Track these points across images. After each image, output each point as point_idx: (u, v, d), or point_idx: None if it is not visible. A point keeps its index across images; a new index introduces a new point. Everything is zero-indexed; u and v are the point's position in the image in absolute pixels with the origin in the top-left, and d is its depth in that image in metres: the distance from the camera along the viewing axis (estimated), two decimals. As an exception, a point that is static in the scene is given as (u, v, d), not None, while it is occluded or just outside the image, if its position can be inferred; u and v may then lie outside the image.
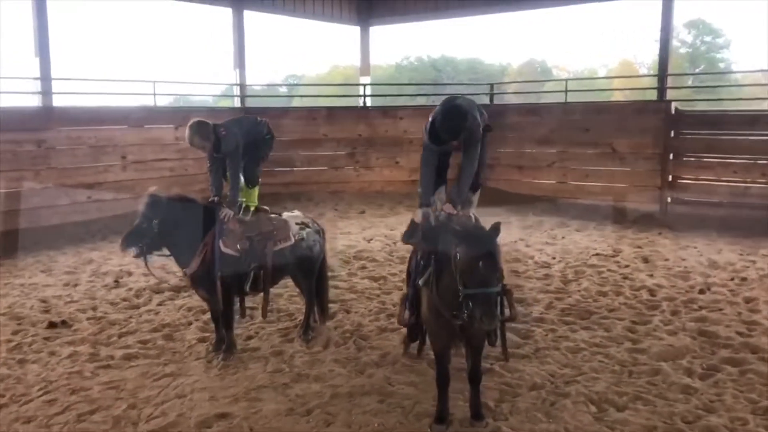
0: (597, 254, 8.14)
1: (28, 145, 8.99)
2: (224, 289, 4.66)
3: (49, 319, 5.64)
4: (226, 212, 4.78)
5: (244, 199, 5.12)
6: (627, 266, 7.52)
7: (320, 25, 14.34)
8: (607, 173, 10.86)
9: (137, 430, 3.70)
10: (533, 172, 11.69)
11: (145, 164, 10.32)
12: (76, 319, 5.67)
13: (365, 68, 14.38)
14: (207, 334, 5.25)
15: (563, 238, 9.23)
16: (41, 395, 4.15)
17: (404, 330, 4.62)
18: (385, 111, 12.62)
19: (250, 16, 12.06)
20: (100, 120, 9.70)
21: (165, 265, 5.90)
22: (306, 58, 50.49)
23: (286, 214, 5.15)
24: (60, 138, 9.29)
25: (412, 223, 4.36)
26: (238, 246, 4.70)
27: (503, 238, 8.62)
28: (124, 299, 6.28)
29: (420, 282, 3.87)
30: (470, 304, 3.25)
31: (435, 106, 4.42)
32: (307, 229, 5.09)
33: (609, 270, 7.33)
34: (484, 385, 4.19)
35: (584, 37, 54.54)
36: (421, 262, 3.95)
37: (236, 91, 12.00)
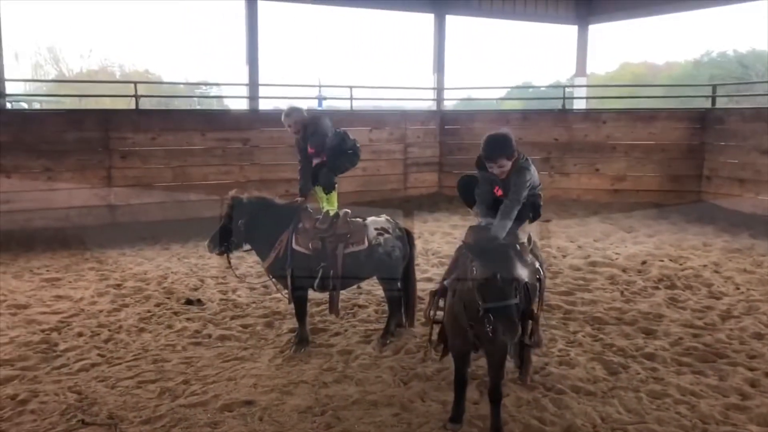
0: (797, 289, 6.79)
1: (235, 142, 10.28)
2: (294, 284, 4.92)
3: (194, 296, 6.45)
4: (305, 206, 5.07)
5: (325, 205, 5.35)
6: (825, 308, 6.16)
7: (528, 25, 13.94)
8: None
9: (173, 403, 4.11)
10: (757, 186, 10.02)
11: (339, 163, 11.10)
12: (211, 299, 6.40)
13: (581, 69, 13.64)
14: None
15: (769, 266, 7.83)
16: (130, 360, 4.81)
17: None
18: (586, 114, 11.85)
19: (452, 20, 12.21)
20: (299, 122, 10.66)
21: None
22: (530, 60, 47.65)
23: (370, 219, 5.23)
24: (263, 137, 10.44)
25: None
26: (309, 245, 4.93)
27: (686, 263, 7.67)
28: (264, 286, 6.87)
29: (446, 282, 3.85)
30: (491, 317, 3.21)
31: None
32: (386, 235, 5.10)
33: (796, 310, 6.09)
34: (512, 416, 3.89)
35: None
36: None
37: (434, 95, 12.26)
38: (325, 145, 5.36)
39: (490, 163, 4.08)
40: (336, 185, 5.60)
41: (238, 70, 10.68)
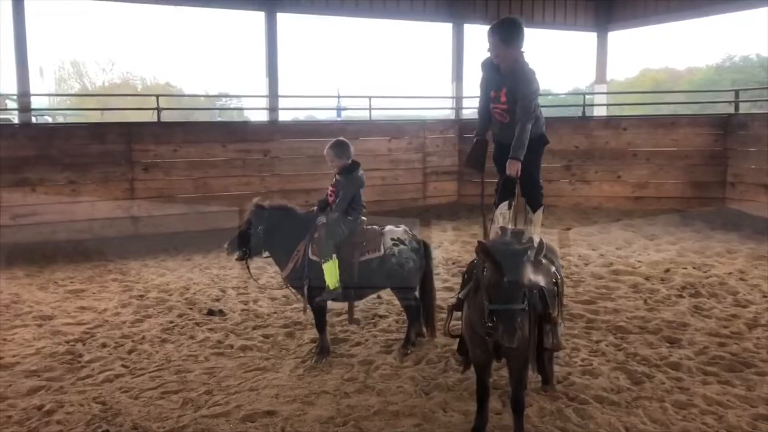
0: (825, 296, 6.66)
1: (255, 154, 10.38)
2: (311, 294, 4.94)
3: (216, 307, 6.49)
4: (321, 218, 5.08)
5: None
6: None
7: (547, 33, 13.90)
8: None
9: (195, 414, 4.13)
10: (782, 192, 9.90)
11: (359, 173, 11.15)
12: (233, 309, 6.43)
13: (601, 76, 13.58)
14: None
15: (798, 273, 7.70)
16: (153, 371, 4.84)
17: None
18: (606, 122, 11.79)
19: (470, 29, 12.23)
20: (317, 133, 10.72)
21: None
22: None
23: (387, 228, 5.22)
24: (283, 148, 10.52)
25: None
26: (326, 254, 4.94)
27: (711, 270, 7.55)
28: (285, 296, 6.89)
29: (461, 295, 3.85)
30: (494, 319, 3.25)
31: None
32: (401, 246, 5.08)
33: (824, 317, 5.98)
34: (535, 427, 3.86)
35: None
36: (465, 276, 3.92)
37: (453, 104, 12.28)
38: (355, 183, 5.15)
39: (493, 35, 4.38)
40: None
41: (258, 82, 10.78)
